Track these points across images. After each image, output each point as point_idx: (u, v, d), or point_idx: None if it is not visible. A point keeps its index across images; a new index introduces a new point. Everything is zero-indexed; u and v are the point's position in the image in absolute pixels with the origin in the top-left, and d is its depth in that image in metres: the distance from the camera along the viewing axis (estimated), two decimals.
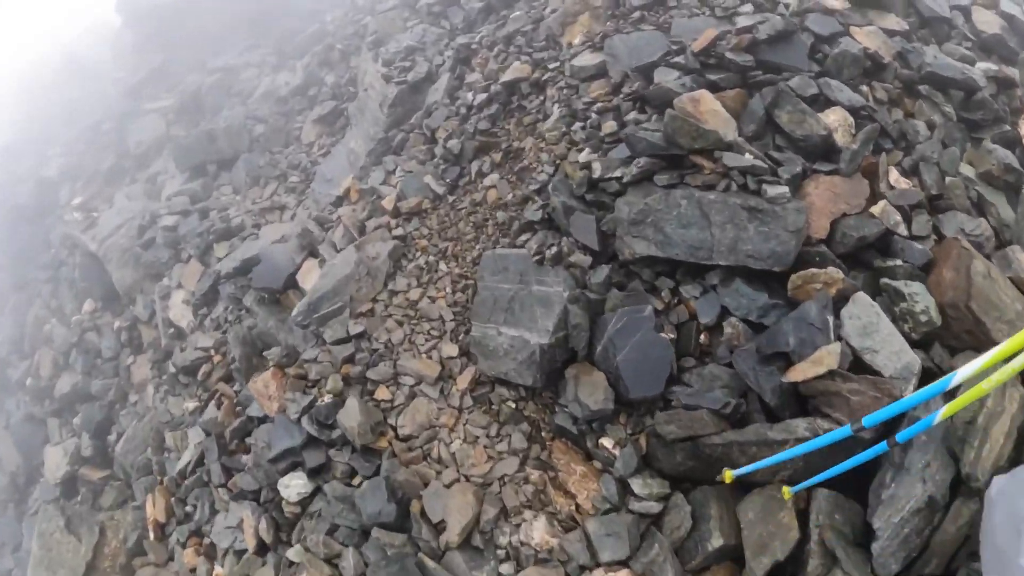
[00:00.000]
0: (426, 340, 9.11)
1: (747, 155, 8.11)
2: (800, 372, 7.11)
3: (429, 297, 9.52)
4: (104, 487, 14.72)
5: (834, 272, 7.54)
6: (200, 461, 11.02)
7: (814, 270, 7.57)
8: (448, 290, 9.51)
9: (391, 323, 9.37)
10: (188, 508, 10.98)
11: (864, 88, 9.24)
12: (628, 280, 8.42)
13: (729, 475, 6.73)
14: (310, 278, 10.81)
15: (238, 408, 10.48)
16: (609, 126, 9.19)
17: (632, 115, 9.17)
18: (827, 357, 7.02)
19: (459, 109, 11.66)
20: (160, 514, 11.14)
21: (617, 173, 8.62)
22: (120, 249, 16.20)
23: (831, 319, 7.22)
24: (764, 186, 7.89)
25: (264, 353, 10.17)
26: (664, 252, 8.03)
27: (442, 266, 9.79)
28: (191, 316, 13.95)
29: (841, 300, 7.46)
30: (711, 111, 8.23)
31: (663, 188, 8.19)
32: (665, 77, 9.12)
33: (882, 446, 5.55)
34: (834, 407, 6.81)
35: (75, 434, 15.44)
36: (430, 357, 8.94)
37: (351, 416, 8.27)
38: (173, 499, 11.28)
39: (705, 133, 8.10)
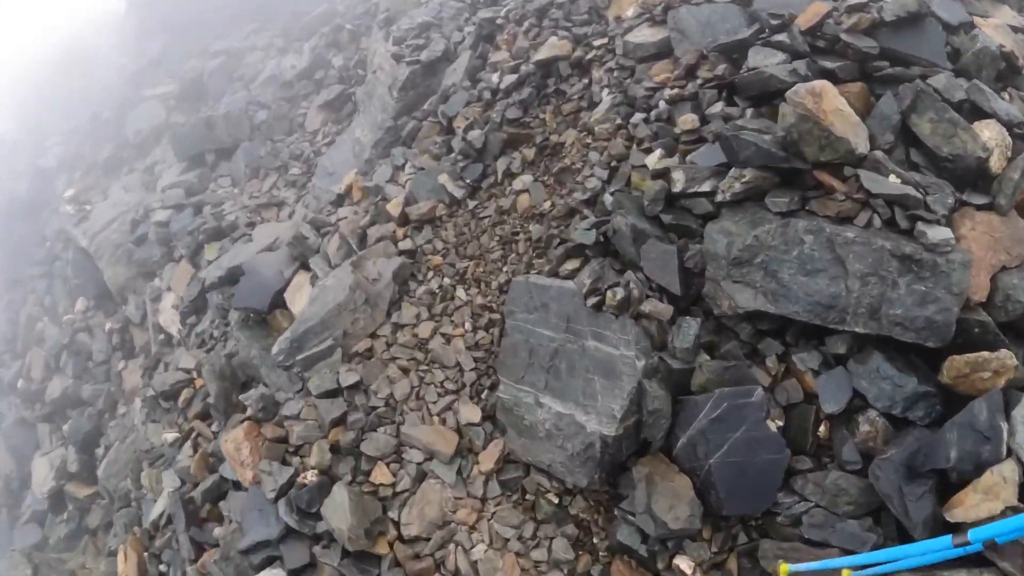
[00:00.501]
0: (439, 396, 6.32)
1: (892, 177, 5.24)
2: (967, 508, 4.55)
3: (443, 335, 6.74)
4: (91, 506, 12.33)
5: (1006, 357, 4.90)
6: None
7: (985, 355, 4.90)
8: (467, 325, 6.77)
9: (394, 370, 6.58)
10: (161, 567, 8.51)
11: (1005, 96, 6.30)
12: (720, 338, 5.58)
13: (785, 568, 4.68)
14: (299, 298, 8.10)
15: (211, 459, 7.92)
16: (687, 120, 6.25)
17: (717, 107, 6.24)
18: (1002, 487, 4.51)
19: (482, 93, 8.72)
20: (132, 571, 8.68)
21: (706, 187, 5.72)
22: (112, 245, 13.53)
23: (1004, 426, 4.63)
24: (919, 225, 5.07)
25: (241, 397, 7.53)
26: (778, 308, 5.22)
27: (460, 292, 7.05)
28: (180, 323, 11.40)
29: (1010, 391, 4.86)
30: (836, 111, 5.31)
31: (779, 216, 5.29)
32: (764, 60, 6.15)
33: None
34: (1005, 555, 4.32)
35: (64, 443, 13.04)
36: (443, 421, 6.16)
37: (340, 513, 5.54)
38: (147, 554, 8.81)
39: (834, 142, 5.22)
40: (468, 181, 7.87)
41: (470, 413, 6.13)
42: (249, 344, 8.24)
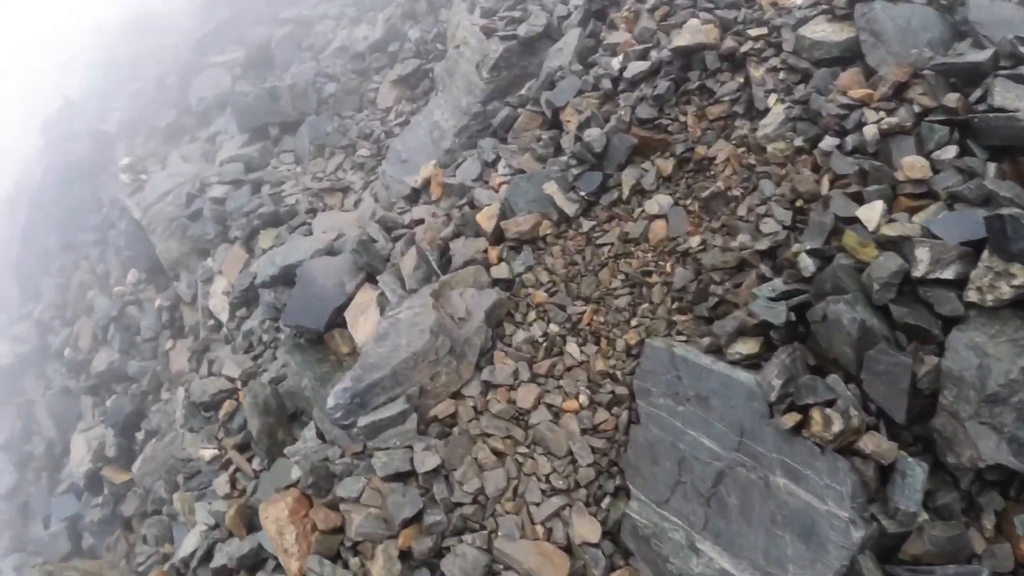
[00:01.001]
0: (543, 495, 4.25)
1: None
2: None
3: (549, 406, 4.61)
4: (127, 493, 10.70)
5: None
6: (206, 557, 6.71)
7: None
8: (582, 398, 4.66)
9: (485, 451, 4.49)
10: None
11: None
12: (937, 484, 3.64)
13: None
14: (363, 323, 6.09)
15: (248, 511, 6.12)
16: (914, 166, 4.06)
17: (949, 151, 4.09)
18: None
19: (599, 82, 6.42)
20: None
21: (948, 273, 3.65)
22: (166, 219, 11.70)
23: None
24: None
25: (287, 451, 5.63)
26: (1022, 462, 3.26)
27: (571, 347, 4.91)
28: (229, 313, 9.59)
29: None
30: None
31: None
32: (1016, 100, 3.99)
33: None
34: None
35: (105, 420, 11.41)
36: (550, 533, 4.13)
37: None
38: None
39: None
40: (583, 194, 5.69)
41: (586, 528, 4.12)
42: (300, 371, 6.31)
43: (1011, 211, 3.39)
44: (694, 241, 4.83)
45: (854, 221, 4.03)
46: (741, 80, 5.56)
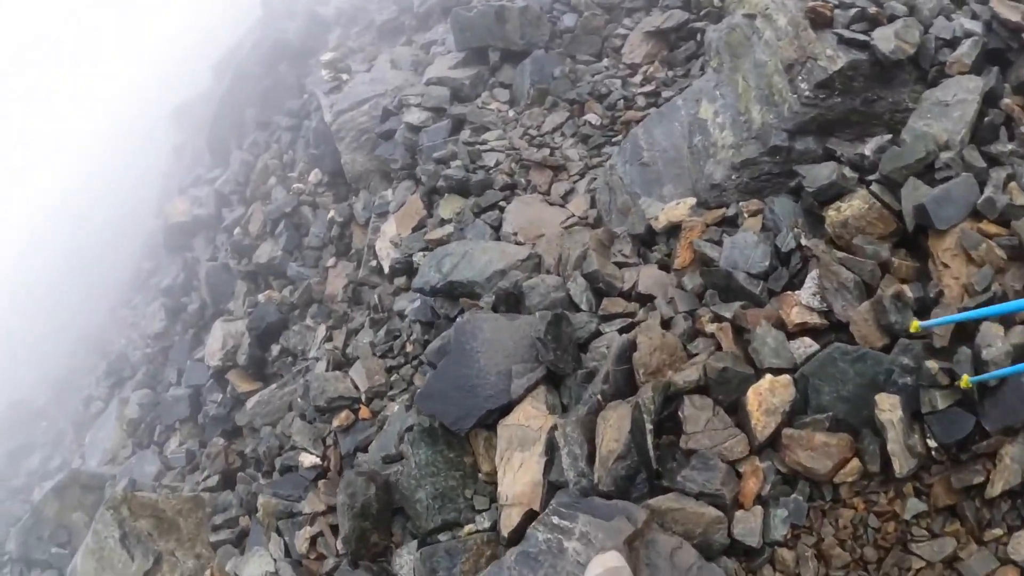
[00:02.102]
0: None
1: None
2: None
3: None
4: (245, 402, 9.72)
5: None
6: None
7: None
8: None
9: None
10: None
11: None
12: None
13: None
14: (515, 467, 4.06)
15: None
16: None
17: None
18: None
19: None
20: None
21: None
22: (357, 129, 10.22)
23: None
24: None
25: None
26: None
27: None
28: (389, 272, 8.00)
29: None
30: None
31: None
32: None
33: None
34: None
35: (249, 318, 10.43)
36: None
37: None
38: None
39: None
40: (938, 442, 3.33)
41: None
42: (418, 475, 4.55)
43: None
44: None
45: None
46: None
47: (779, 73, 5.13)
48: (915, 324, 3.61)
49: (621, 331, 4.53)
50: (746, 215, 4.79)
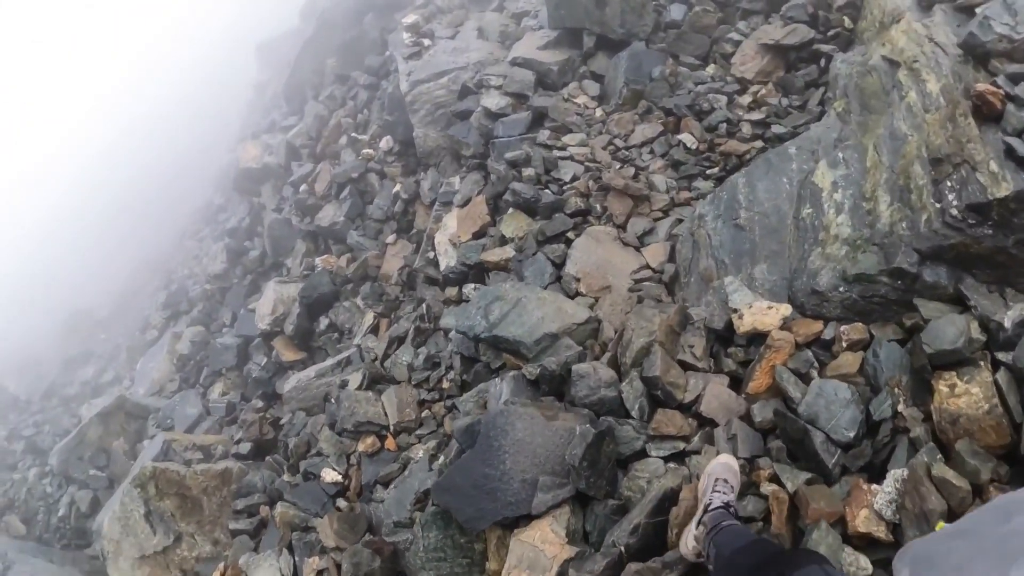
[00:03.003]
0: None
1: None
2: None
3: None
4: (288, 371, 9.43)
5: None
6: None
7: None
8: None
9: None
10: None
11: None
12: None
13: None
14: None
15: None
16: None
17: None
18: None
19: None
20: None
21: None
22: (432, 103, 9.41)
23: None
24: None
25: None
26: None
27: None
28: (442, 279, 7.29)
29: None
30: None
31: None
32: None
33: None
34: None
35: (306, 277, 10.07)
36: None
37: None
38: None
39: None
40: None
41: None
42: (426, 557, 3.92)
43: None
44: None
45: None
46: None
47: (922, 162, 4.00)
48: None
49: (668, 459, 3.73)
50: (844, 344, 3.81)
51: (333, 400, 6.85)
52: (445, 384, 5.52)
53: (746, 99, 6.41)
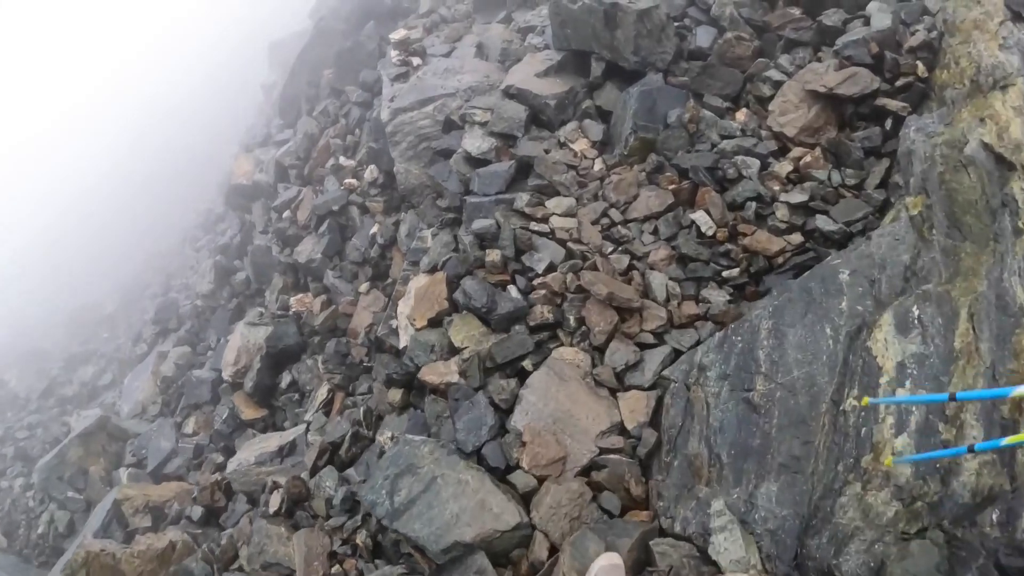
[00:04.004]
0: None
1: None
2: None
3: None
4: (247, 430, 8.27)
5: None
6: None
7: None
8: None
9: None
10: None
11: None
12: None
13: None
14: None
15: None
16: None
17: None
18: None
19: None
20: None
21: None
22: (416, 134, 7.81)
23: None
24: None
25: None
26: None
27: None
28: (401, 345, 5.76)
29: None
30: None
31: None
32: None
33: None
34: None
35: (274, 320, 8.85)
36: None
37: None
38: None
39: None
40: None
41: None
42: None
43: None
44: None
45: None
46: None
47: None
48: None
49: None
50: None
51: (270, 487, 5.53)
52: (359, 540, 4.06)
53: (785, 167, 4.69)
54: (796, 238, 4.08)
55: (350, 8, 11.12)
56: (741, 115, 5.61)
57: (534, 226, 4.88)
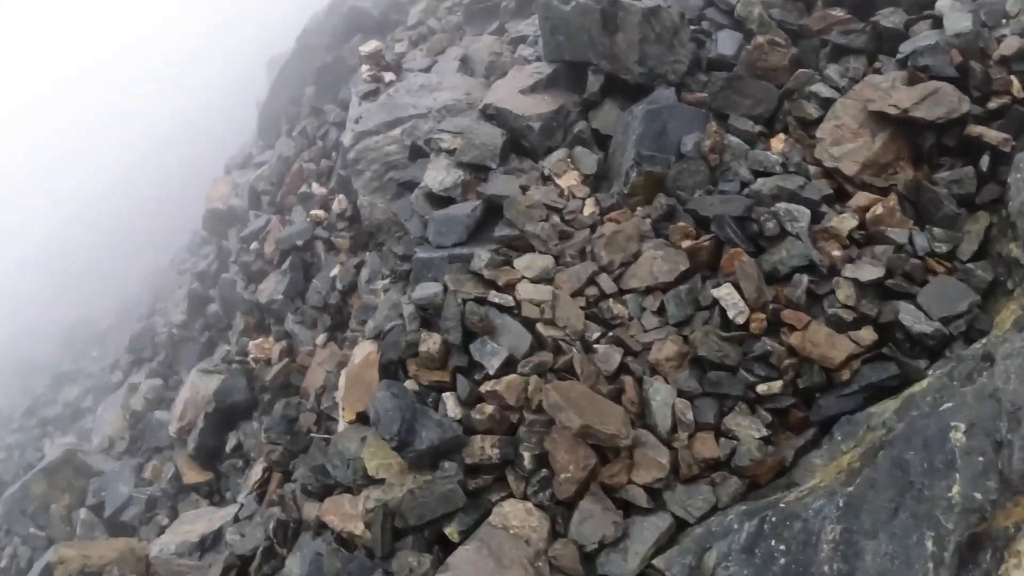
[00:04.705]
0: None
1: None
2: None
3: None
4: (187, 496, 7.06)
5: None
6: None
7: None
8: None
9: None
10: None
11: None
12: None
13: None
14: None
15: None
16: None
17: None
18: None
19: None
20: None
21: None
22: (381, 161, 6.39)
23: None
24: None
25: None
26: None
27: None
28: (338, 431, 4.38)
29: None
30: None
31: None
32: None
33: None
34: None
35: (228, 370, 7.65)
36: None
37: None
38: None
39: None
40: None
41: None
42: None
43: None
44: None
45: None
46: None
47: None
48: None
49: None
50: None
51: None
52: None
53: (846, 222, 3.20)
54: (867, 336, 2.60)
55: (335, 21, 9.84)
56: (779, 142, 4.13)
57: (495, 296, 3.44)
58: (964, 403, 2.03)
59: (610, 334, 3.20)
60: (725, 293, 3.04)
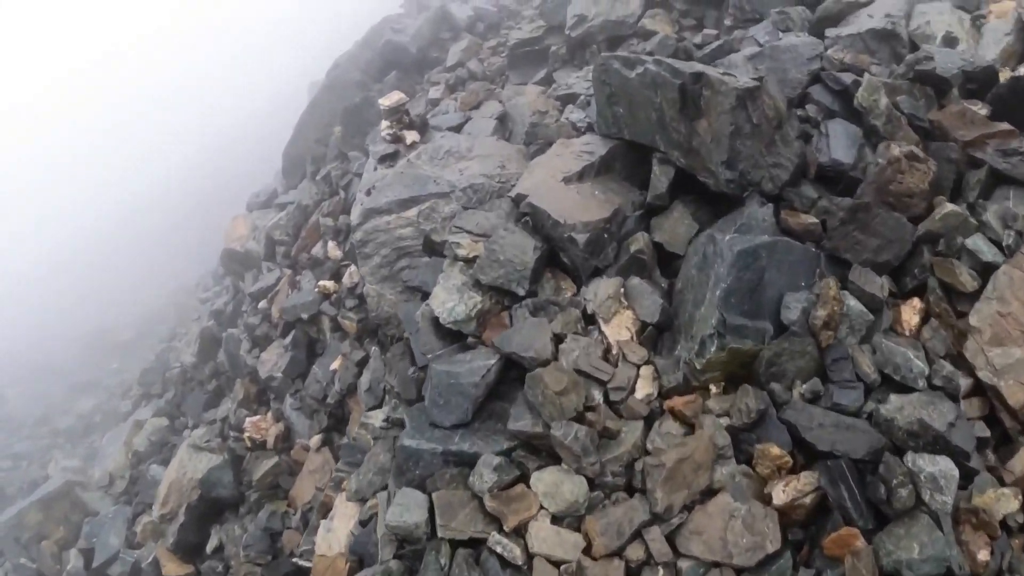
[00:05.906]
0: None
1: None
2: None
3: None
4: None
5: None
6: None
7: None
8: None
9: None
10: None
11: None
12: None
13: None
14: None
15: None
16: None
17: None
18: None
19: None
20: None
21: None
22: (392, 245, 5.17)
23: None
24: None
25: None
26: None
27: None
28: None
29: None
30: None
31: None
32: None
33: None
34: None
35: (221, 444, 6.74)
36: None
37: None
38: None
39: None
40: None
41: None
42: None
43: None
44: None
45: None
46: None
47: None
48: None
49: None
50: None
51: None
52: None
53: (1004, 502, 1.84)
54: None
55: (370, 56, 8.76)
56: (912, 314, 2.78)
57: (497, 543, 2.20)
58: None
59: None
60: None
